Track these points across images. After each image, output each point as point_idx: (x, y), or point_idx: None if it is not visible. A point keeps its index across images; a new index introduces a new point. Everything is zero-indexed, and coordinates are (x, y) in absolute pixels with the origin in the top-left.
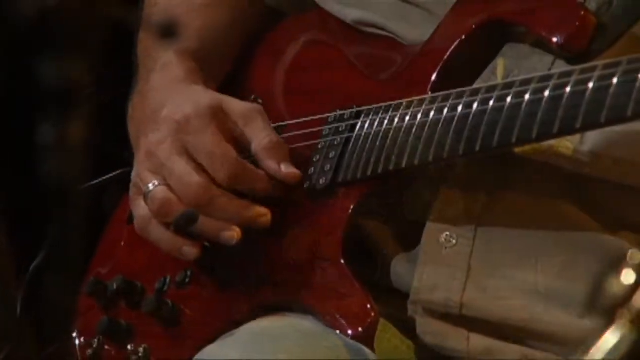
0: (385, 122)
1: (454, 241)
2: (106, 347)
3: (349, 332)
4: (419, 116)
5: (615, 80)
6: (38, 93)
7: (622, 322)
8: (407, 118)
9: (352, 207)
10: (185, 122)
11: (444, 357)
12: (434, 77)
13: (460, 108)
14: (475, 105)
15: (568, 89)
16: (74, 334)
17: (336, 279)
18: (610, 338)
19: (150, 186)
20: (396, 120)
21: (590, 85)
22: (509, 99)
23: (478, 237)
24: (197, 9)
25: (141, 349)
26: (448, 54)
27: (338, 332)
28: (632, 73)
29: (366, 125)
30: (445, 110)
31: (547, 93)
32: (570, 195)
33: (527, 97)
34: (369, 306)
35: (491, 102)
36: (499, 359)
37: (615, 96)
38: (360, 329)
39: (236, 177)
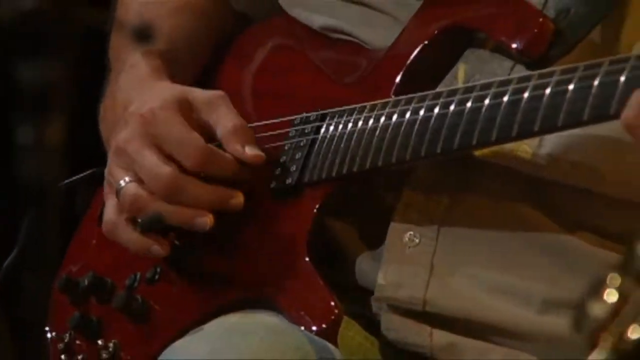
0: (350, 124)
1: (417, 240)
2: (77, 341)
3: (313, 328)
4: (382, 119)
5: (571, 86)
6: (16, 94)
7: (604, 346)
8: (371, 121)
9: (317, 206)
10: (152, 116)
11: (407, 353)
12: (397, 80)
13: (422, 111)
14: (436, 109)
15: (526, 94)
16: (47, 329)
17: (301, 277)
18: None
19: (122, 182)
20: (360, 122)
21: (548, 90)
22: (469, 103)
23: (440, 237)
24: (167, 13)
25: (111, 344)
26: (411, 58)
27: (302, 328)
28: (588, 79)
29: (331, 128)
30: (408, 114)
31: (506, 98)
32: (529, 197)
33: (486, 101)
34: (332, 303)
35: (452, 106)
36: (461, 355)
37: (572, 101)
38: (323, 325)
39: (205, 162)
